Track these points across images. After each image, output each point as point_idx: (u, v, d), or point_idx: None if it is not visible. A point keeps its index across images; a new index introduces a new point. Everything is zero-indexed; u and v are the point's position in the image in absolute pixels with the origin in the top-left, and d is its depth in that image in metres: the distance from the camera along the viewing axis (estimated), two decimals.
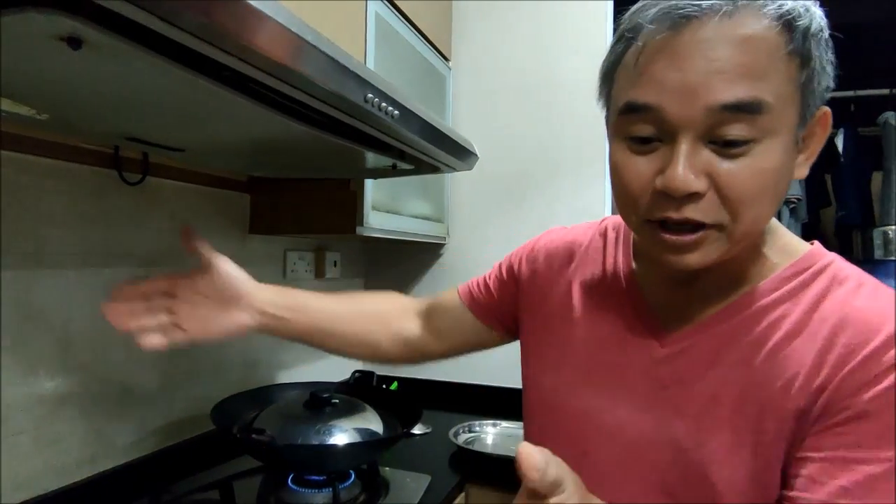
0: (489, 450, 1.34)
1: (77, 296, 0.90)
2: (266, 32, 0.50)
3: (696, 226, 0.44)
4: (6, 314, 0.80)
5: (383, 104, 0.69)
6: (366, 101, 0.66)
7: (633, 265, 0.59)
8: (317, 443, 0.93)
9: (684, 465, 0.50)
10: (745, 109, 0.41)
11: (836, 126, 2.50)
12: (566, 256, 0.66)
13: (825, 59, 0.44)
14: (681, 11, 0.42)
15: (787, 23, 0.42)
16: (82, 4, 0.40)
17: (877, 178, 2.48)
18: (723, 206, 0.44)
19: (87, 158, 0.90)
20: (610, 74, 0.50)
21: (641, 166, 0.46)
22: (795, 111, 0.44)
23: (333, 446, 0.94)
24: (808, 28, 0.42)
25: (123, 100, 0.64)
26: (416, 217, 1.46)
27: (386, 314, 0.81)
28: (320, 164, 1.07)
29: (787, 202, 2.44)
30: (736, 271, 0.51)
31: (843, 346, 0.44)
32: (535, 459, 0.39)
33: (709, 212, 0.44)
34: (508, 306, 0.72)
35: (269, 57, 0.52)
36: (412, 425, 1.06)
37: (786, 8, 0.42)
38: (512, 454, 0.71)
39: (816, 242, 0.54)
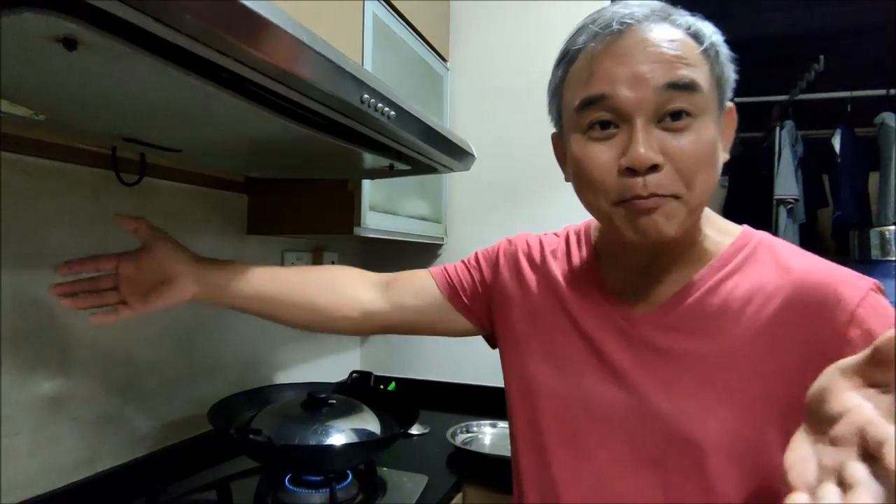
0: (486, 450, 1.34)
1: None
2: (262, 34, 0.51)
3: (655, 197, 0.51)
4: (3, 315, 0.80)
5: (380, 105, 0.69)
6: (362, 101, 0.66)
7: (597, 262, 0.66)
8: (314, 443, 0.93)
9: (668, 432, 0.55)
10: (685, 88, 0.50)
11: (833, 126, 2.52)
12: (539, 257, 0.72)
13: (726, 65, 0.54)
14: (617, 22, 0.51)
15: (695, 34, 0.52)
16: (78, 5, 0.40)
17: (874, 178, 2.49)
18: (678, 178, 0.51)
19: (84, 159, 0.90)
20: (558, 92, 0.58)
21: (603, 153, 0.52)
22: (715, 98, 0.53)
23: (331, 447, 0.94)
24: (712, 40, 0.53)
25: (120, 101, 0.64)
26: (414, 217, 1.46)
27: (338, 282, 0.81)
28: (318, 165, 1.07)
29: (784, 203, 2.45)
30: (686, 254, 0.58)
31: (799, 306, 0.51)
32: None
33: (668, 184, 0.50)
34: (484, 297, 0.75)
35: (266, 59, 0.52)
36: (409, 426, 1.06)
37: (692, 25, 0.53)
38: (508, 454, 0.71)
39: (745, 225, 0.62)
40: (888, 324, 0.48)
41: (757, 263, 0.56)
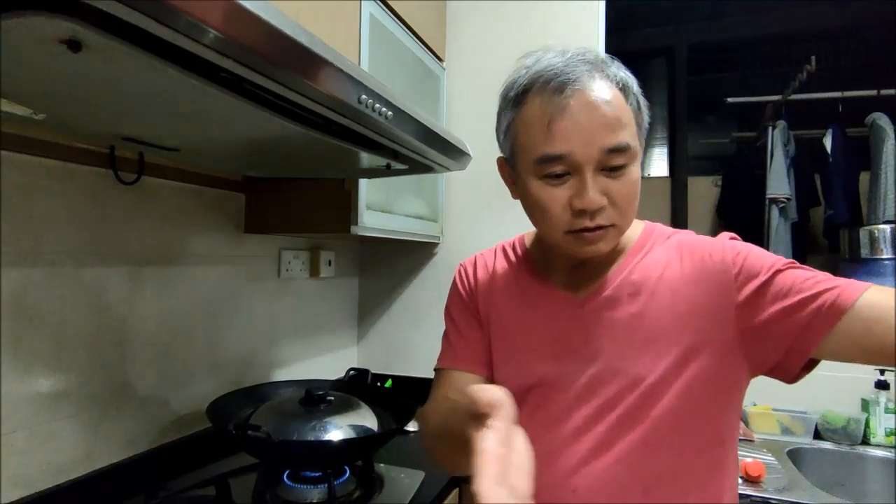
0: None
1: (73, 294, 0.91)
2: (260, 35, 0.51)
3: (602, 227, 0.64)
4: (2, 312, 0.81)
5: (377, 105, 0.70)
6: (360, 101, 0.67)
7: (534, 266, 0.77)
8: (312, 439, 0.94)
9: (630, 386, 0.65)
10: (622, 150, 0.62)
11: (824, 127, 2.54)
12: (486, 277, 0.80)
13: (644, 109, 0.67)
14: (562, 80, 0.61)
15: (623, 88, 0.64)
16: (81, 8, 0.41)
17: (864, 177, 2.51)
18: (616, 211, 0.63)
19: (82, 158, 0.91)
20: (509, 132, 0.68)
21: (559, 194, 0.64)
22: (639, 142, 0.66)
23: (329, 443, 0.95)
24: (634, 91, 0.65)
25: (121, 100, 0.65)
26: (411, 216, 1.47)
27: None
28: (315, 164, 1.08)
29: (776, 202, 2.47)
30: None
31: (698, 260, 0.67)
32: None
33: (608, 217, 0.63)
34: (485, 344, 0.78)
35: (264, 59, 0.53)
36: (406, 422, 1.07)
37: (618, 77, 0.64)
38: None
39: (646, 221, 0.76)
40: (749, 249, 0.66)
41: (659, 244, 0.72)
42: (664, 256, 0.70)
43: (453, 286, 0.85)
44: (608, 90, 0.62)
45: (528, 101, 0.64)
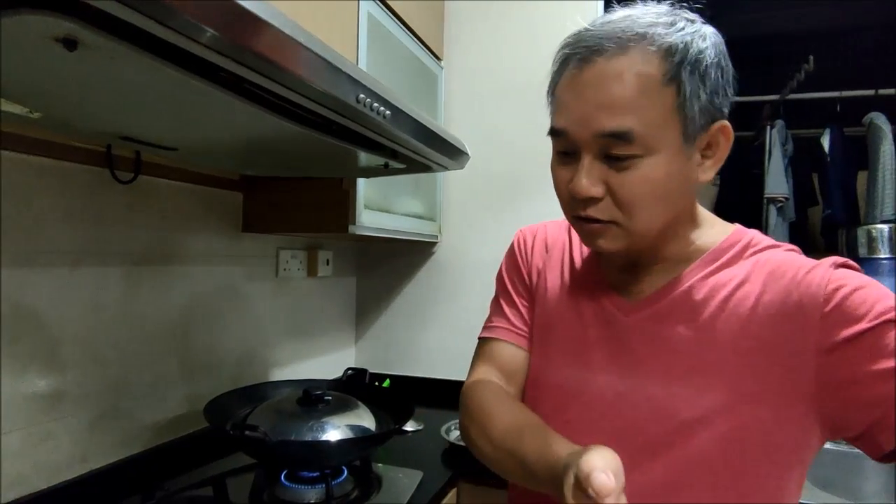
0: None
1: (69, 294, 0.90)
2: (259, 34, 0.51)
3: (599, 222, 0.57)
4: None
5: (375, 104, 0.70)
6: (358, 101, 0.67)
7: (598, 257, 0.69)
8: (310, 439, 0.94)
9: (659, 415, 0.57)
10: (619, 137, 0.53)
11: (822, 126, 2.54)
12: (542, 251, 0.75)
13: (701, 85, 0.53)
14: (585, 51, 0.54)
15: (663, 58, 0.52)
16: (78, 6, 0.41)
17: (862, 177, 2.52)
18: (617, 208, 0.55)
19: (79, 157, 0.90)
20: (551, 95, 0.61)
21: (564, 174, 0.58)
22: (676, 130, 0.54)
23: (326, 443, 0.95)
24: (682, 61, 0.52)
25: (117, 99, 0.65)
26: (409, 216, 1.47)
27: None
28: (313, 163, 1.08)
29: (774, 201, 2.47)
30: (668, 253, 0.62)
31: (783, 288, 0.55)
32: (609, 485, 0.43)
33: (604, 211, 0.56)
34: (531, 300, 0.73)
35: (262, 58, 0.53)
36: (404, 422, 1.07)
37: (665, 45, 0.52)
38: None
39: (737, 224, 0.65)
40: (856, 284, 0.52)
41: (744, 259, 0.60)
42: (742, 274, 0.58)
43: (510, 251, 0.78)
44: (633, 64, 0.52)
45: (566, 66, 0.57)
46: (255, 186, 1.28)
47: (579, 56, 0.55)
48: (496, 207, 1.66)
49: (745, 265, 0.59)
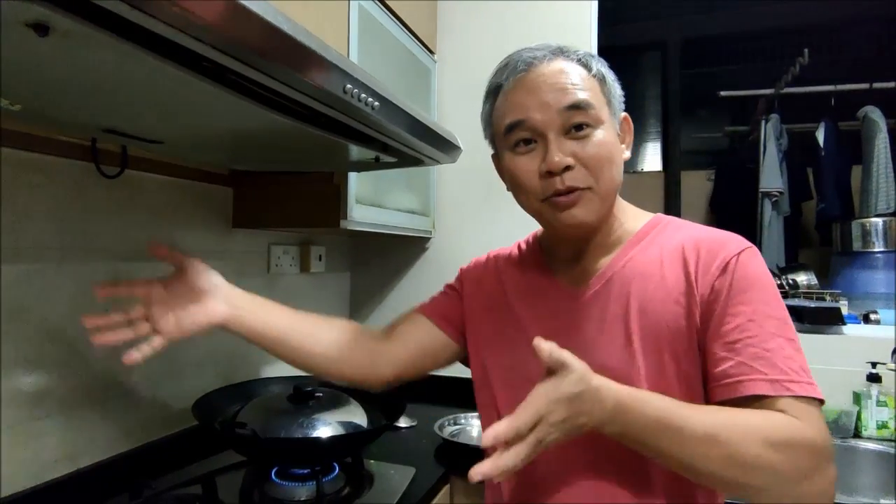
0: (474, 442, 1.34)
1: (56, 290, 0.89)
2: (240, 22, 0.50)
3: (575, 190, 0.65)
4: None
5: (363, 95, 0.69)
6: (345, 91, 0.65)
7: (543, 256, 0.79)
8: (300, 436, 0.93)
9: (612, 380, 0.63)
10: (581, 106, 0.65)
11: (816, 120, 2.54)
12: (494, 268, 0.84)
13: (613, 85, 0.70)
14: (525, 62, 0.67)
15: (584, 63, 0.68)
16: None
17: (856, 171, 2.52)
18: (588, 173, 0.65)
19: (63, 151, 0.89)
20: (489, 122, 0.73)
21: (528, 163, 0.67)
22: (607, 111, 0.68)
23: (317, 439, 0.94)
24: (598, 67, 0.68)
25: (97, 90, 0.63)
26: (402, 211, 1.46)
27: (353, 328, 0.87)
28: (303, 157, 1.06)
29: (769, 195, 2.47)
30: (607, 240, 0.72)
31: (699, 263, 0.65)
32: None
33: (580, 178, 0.65)
34: (458, 311, 0.84)
35: (245, 47, 0.51)
36: (396, 418, 1.06)
37: (583, 57, 0.68)
38: None
39: (658, 213, 0.75)
40: (749, 273, 0.63)
41: (665, 236, 0.70)
42: (667, 244, 0.69)
43: (461, 270, 0.89)
44: (566, 63, 0.66)
45: (501, 87, 0.69)
46: (245, 181, 1.26)
47: (519, 69, 0.67)
48: (491, 202, 1.65)
49: (664, 240, 0.69)
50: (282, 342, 0.79)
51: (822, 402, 0.59)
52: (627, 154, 0.71)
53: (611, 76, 0.70)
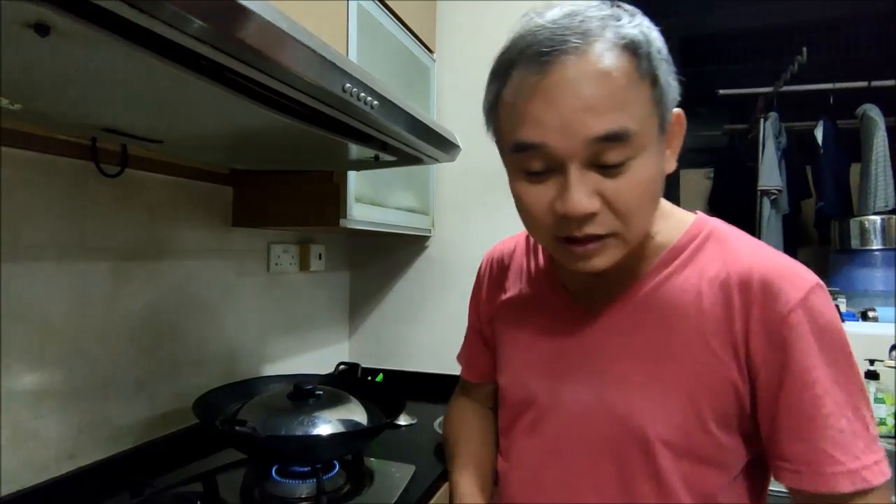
0: None
1: (55, 289, 0.89)
2: (239, 21, 0.50)
3: (597, 238, 0.51)
4: None
5: (362, 94, 0.69)
6: (344, 90, 0.65)
7: (552, 264, 0.68)
8: (301, 434, 0.93)
9: (622, 427, 0.56)
10: (615, 139, 0.48)
11: (815, 118, 2.55)
12: (499, 275, 0.74)
13: (669, 74, 0.51)
14: (543, 53, 0.48)
15: (632, 51, 0.48)
16: None
17: (855, 169, 2.52)
18: (616, 218, 0.50)
19: (63, 150, 0.89)
20: (492, 111, 0.57)
21: (540, 194, 0.52)
22: (655, 124, 0.51)
23: (318, 437, 0.94)
24: (649, 53, 0.49)
25: (97, 89, 0.63)
26: (401, 209, 1.46)
27: (486, 418, 0.81)
28: (302, 156, 1.07)
29: (768, 194, 2.48)
30: (637, 251, 0.58)
31: (752, 305, 0.52)
32: None
33: (604, 224, 0.51)
34: (488, 358, 0.77)
35: (244, 46, 0.51)
36: (396, 416, 1.06)
37: (628, 38, 0.48)
38: None
39: (699, 212, 0.62)
40: (821, 325, 0.50)
41: (706, 255, 0.57)
42: (709, 273, 0.55)
43: (476, 278, 0.80)
44: (607, 58, 0.48)
45: (511, 74, 0.52)
46: (245, 180, 1.26)
47: (539, 57, 0.48)
48: (490, 201, 1.65)
49: (707, 264, 0.56)
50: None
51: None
52: (673, 165, 0.56)
53: (665, 66, 0.51)
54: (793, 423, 0.50)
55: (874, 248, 2.21)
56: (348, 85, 0.66)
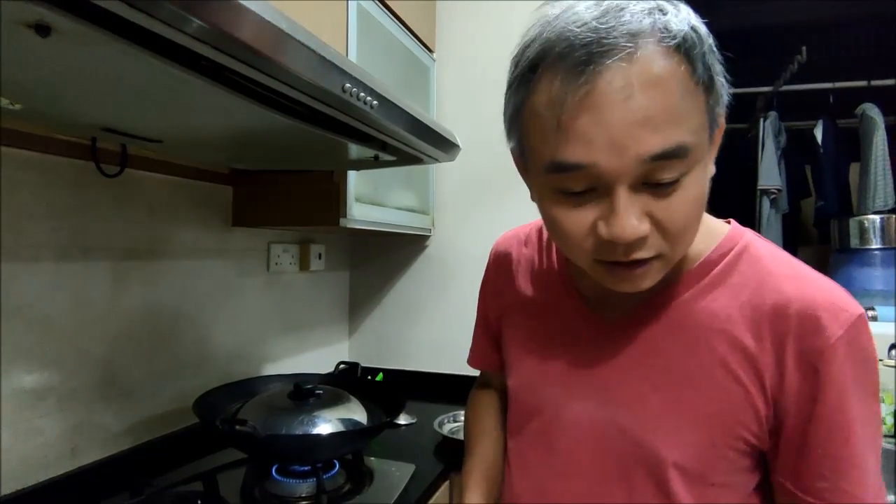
0: None
1: (55, 289, 0.89)
2: (240, 21, 0.50)
3: (643, 262, 0.47)
4: None
5: (361, 94, 0.69)
6: (343, 90, 0.65)
7: (567, 267, 0.64)
8: (301, 433, 0.93)
9: (635, 449, 0.53)
10: (672, 156, 0.42)
11: (815, 118, 2.55)
12: (510, 269, 0.70)
13: (721, 74, 0.46)
14: (586, 57, 0.41)
15: (686, 53, 0.43)
16: None
17: (855, 168, 2.52)
18: (663, 239, 0.46)
19: (63, 150, 0.89)
20: (515, 121, 0.50)
21: (580, 217, 0.47)
22: (707, 134, 0.46)
23: (318, 436, 0.94)
24: (703, 53, 0.44)
25: (97, 89, 0.64)
26: (401, 209, 1.46)
27: (497, 407, 0.78)
28: (302, 156, 1.07)
29: (767, 193, 2.48)
30: None
31: (788, 336, 0.49)
32: None
33: (653, 247, 0.46)
34: (497, 355, 0.75)
35: (244, 46, 0.51)
36: (396, 415, 1.06)
37: (679, 36, 0.42)
38: None
39: (732, 221, 0.58)
40: (858, 361, 0.48)
41: (739, 274, 0.53)
42: (741, 299, 0.51)
43: (486, 269, 0.76)
44: (660, 63, 0.41)
45: (539, 80, 0.45)
46: (245, 180, 1.27)
47: (582, 62, 0.41)
48: (489, 200, 1.65)
49: (739, 288, 0.52)
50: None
51: None
52: (713, 169, 0.50)
53: (718, 67, 0.45)
54: (818, 456, 0.48)
55: (874, 247, 2.21)
56: (348, 85, 0.66)
